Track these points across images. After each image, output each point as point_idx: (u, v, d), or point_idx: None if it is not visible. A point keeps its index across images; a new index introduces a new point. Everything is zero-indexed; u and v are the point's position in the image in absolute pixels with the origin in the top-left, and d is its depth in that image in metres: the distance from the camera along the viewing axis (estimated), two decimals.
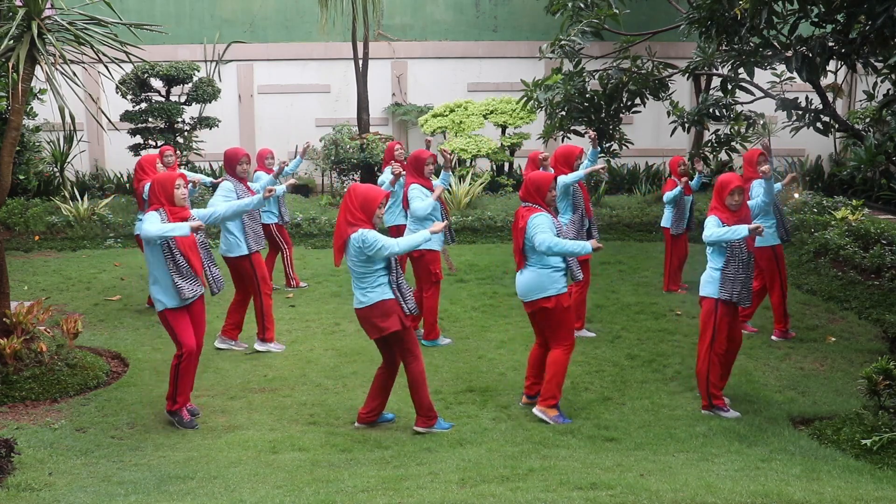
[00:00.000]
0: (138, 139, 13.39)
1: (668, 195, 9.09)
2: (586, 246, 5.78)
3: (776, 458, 5.22)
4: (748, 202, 6.39)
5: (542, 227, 5.81)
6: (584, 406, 6.35)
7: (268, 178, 8.98)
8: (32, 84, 6.58)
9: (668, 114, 10.49)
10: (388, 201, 5.71)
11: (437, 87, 15.80)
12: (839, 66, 8.22)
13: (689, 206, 9.23)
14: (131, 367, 7.11)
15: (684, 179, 9.11)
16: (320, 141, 14.47)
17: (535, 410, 6.09)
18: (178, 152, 13.28)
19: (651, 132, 15.79)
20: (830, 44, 7.57)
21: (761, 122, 10.78)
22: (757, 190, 7.20)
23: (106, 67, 6.66)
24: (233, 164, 7.49)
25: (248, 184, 7.71)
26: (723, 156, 10.90)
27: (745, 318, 8.11)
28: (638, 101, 10.32)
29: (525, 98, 10.29)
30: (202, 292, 5.94)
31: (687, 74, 10.21)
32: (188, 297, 5.77)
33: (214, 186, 7.94)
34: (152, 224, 5.62)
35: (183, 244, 5.75)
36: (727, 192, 6.04)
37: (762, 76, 9.18)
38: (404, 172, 7.69)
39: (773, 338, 7.86)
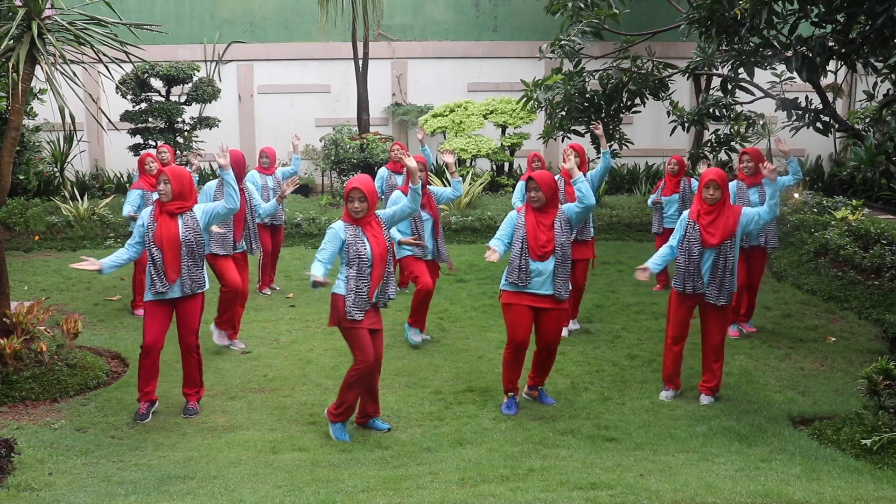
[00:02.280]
0: (138, 139, 13.40)
1: (651, 199, 9.61)
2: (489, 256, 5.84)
3: (776, 458, 5.22)
4: (750, 210, 6.31)
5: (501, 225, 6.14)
6: (584, 406, 6.35)
7: (257, 175, 9.10)
8: (32, 84, 6.58)
9: (668, 114, 10.48)
10: (362, 195, 5.60)
11: (437, 87, 15.80)
12: (839, 66, 8.21)
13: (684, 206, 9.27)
14: (131, 367, 7.10)
15: (654, 198, 9.49)
16: (320, 141, 14.48)
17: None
18: (178, 152, 13.31)
19: (651, 132, 15.80)
20: (830, 44, 7.57)
21: (761, 122, 10.77)
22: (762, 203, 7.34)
23: (106, 67, 6.66)
24: None
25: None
26: (722, 156, 10.89)
27: (744, 319, 8.13)
28: (638, 101, 10.31)
29: (525, 98, 10.28)
30: (180, 293, 5.94)
31: (687, 74, 10.20)
32: (158, 290, 5.86)
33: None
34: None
35: (158, 241, 5.83)
36: (703, 184, 6.17)
37: (762, 76, 9.18)
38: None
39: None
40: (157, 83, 13.40)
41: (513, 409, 6.21)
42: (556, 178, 7.99)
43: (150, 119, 13.10)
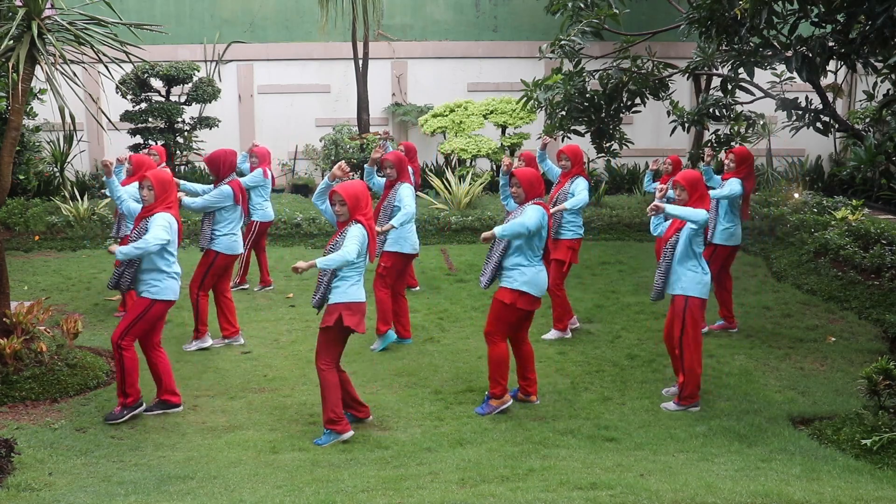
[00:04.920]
0: (138, 139, 13.40)
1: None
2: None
3: (776, 458, 5.23)
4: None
5: None
6: (584, 406, 6.35)
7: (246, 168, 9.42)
8: (32, 84, 6.58)
9: (668, 114, 10.49)
10: (341, 198, 5.65)
11: (437, 87, 15.79)
12: (839, 66, 8.21)
13: None
14: None
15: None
16: (320, 141, 14.48)
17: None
18: (178, 152, 13.33)
19: (651, 132, 15.80)
20: (830, 44, 7.57)
21: (761, 122, 10.77)
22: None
23: (106, 67, 6.67)
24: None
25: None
26: (722, 156, 10.89)
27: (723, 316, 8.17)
28: (638, 101, 10.31)
29: (525, 98, 10.28)
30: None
31: (687, 74, 10.21)
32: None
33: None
34: None
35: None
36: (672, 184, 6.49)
37: (762, 76, 9.18)
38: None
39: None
40: (157, 83, 13.39)
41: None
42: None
43: (150, 119, 13.09)
